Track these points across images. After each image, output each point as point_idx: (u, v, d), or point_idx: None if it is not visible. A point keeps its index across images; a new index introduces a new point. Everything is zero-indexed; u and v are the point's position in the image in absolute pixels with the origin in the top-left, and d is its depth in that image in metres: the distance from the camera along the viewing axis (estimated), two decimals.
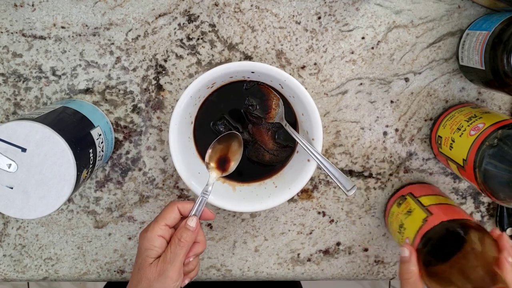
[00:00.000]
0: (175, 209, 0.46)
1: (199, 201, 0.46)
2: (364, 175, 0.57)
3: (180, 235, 0.44)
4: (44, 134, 0.42)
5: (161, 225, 0.45)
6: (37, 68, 0.54)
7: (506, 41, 0.43)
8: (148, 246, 0.44)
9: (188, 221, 0.45)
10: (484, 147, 0.43)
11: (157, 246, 0.44)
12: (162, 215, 0.45)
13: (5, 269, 0.59)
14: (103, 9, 0.53)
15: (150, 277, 0.43)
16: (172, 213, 0.45)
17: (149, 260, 0.44)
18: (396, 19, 0.54)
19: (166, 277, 0.43)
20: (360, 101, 0.55)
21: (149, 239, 0.44)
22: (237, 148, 0.50)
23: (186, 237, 0.44)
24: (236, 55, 0.54)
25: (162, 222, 0.45)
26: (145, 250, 0.44)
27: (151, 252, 0.44)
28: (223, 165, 0.49)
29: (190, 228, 0.45)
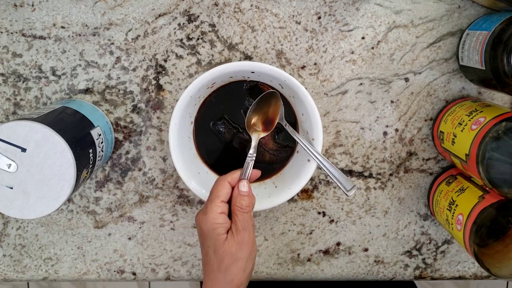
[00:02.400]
0: (226, 184, 0.45)
1: (247, 165, 0.47)
2: (364, 175, 0.57)
3: (240, 204, 0.44)
4: (44, 134, 0.42)
5: (218, 203, 0.44)
6: (37, 68, 0.54)
7: (506, 41, 0.43)
8: (214, 226, 0.43)
9: (240, 187, 0.45)
10: (487, 140, 0.43)
11: (222, 222, 0.43)
12: (215, 193, 0.45)
13: (5, 269, 0.59)
14: (103, 9, 0.53)
15: (232, 251, 0.43)
16: (224, 189, 0.45)
17: (222, 237, 0.43)
18: (396, 19, 0.54)
19: (247, 243, 0.43)
20: (360, 101, 0.55)
21: (212, 219, 0.43)
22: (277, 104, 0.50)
23: (246, 203, 0.44)
24: (236, 55, 0.54)
25: (218, 200, 0.44)
26: (214, 230, 0.43)
27: (220, 229, 0.43)
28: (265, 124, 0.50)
29: (244, 193, 0.45)
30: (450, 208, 0.51)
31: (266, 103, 0.50)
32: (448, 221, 0.51)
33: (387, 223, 0.59)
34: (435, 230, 0.59)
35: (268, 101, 0.50)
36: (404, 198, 0.58)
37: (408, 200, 0.58)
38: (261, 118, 0.50)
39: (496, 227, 0.44)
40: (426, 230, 0.59)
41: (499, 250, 0.43)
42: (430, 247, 0.59)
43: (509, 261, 0.43)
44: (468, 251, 0.48)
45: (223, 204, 0.45)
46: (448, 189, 0.53)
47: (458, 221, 0.49)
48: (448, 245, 0.59)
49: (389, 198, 0.58)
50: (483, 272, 0.60)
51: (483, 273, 0.60)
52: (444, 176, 0.55)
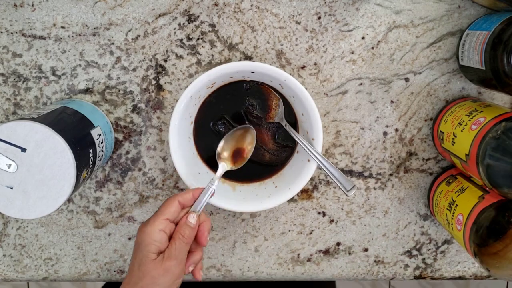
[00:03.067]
0: (176, 203, 0.45)
1: (204, 195, 0.46)
2: (364, 175, 0.57)
3: (183, 232, 0.43)
4: (44, 134, 0.42)
5: (162, 219, 0.43)
6: (37, 68, 0.54)
7: (506, 41, 0.43)
8: (149, 241, 0.42)
9: (189, 218, 0.44)
10: (487, 140, 0.43)
11: (158, 240, 0.43)
12: (162, 210, 0.44)
13: (5, 269, 0.59)
14: (103, 9, 0.53)
15: (154, 274, 0.42)
16: (172, 207, 0.44)
17: (151, 256, 0.42)
18: (396, 19, 0.54)
19: (173, 274, 0.42)
20: (360, 101, 0.55)
21: (150, 233, 0.43)
22: (250, 141, 0.50)
23: (189, 233, 0.44)
24: (236, 55, 0.54)
25: (163, 217, 0.44)
26: (146, 245, 0.42)
27: (153, 247, 0.42)
28: (235, 157, 0.50)
29: (190, 225, 0.44)
30: (450, 208, 0.51)
31: (241, 137, 0.50)
32: (448, 221, 0.51)
33: (387, 223, 0.59)
34: (435, 230, 0.59)
35: (243, 135, 0.50)
36: (404, 198, 0.58)
37: (408, 200, 0.58)
38: (231, 149, 0.50)
39: (496, 227, 0.44)
40: (426, 230, 0.59)
41: (499, 250, 0.43)
42: (430, 247, 0.59)
43: (509, 261, 0.43)
44: (468, 251, 0.48)
45: (166, 223, 0.44)
46: (448, 189, 0.53)
47: (458, 221, 0.49)
48: (448, 245, 0.59)
49: (389, 198, 0.58)
50: (483, 272, 0.60)
51: (483, 273, 0.60)
52: (444, 176, 0.55)
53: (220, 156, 0.49)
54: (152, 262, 0.42)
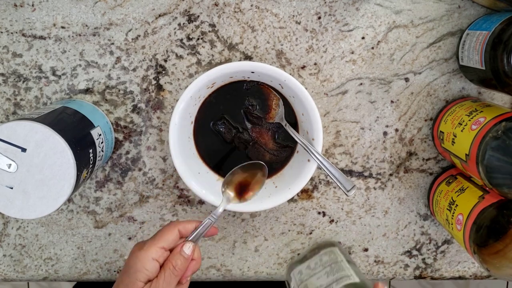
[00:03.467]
0: (175, 232, 0.43)
1: (204, 224, 0.44)
2: (364, 175, 0.57)
3: (175, 263, 0.42)
4: (44, 134, 0.42)
5: (158, 247, 0.42)
6: (37, 68, 0.54)
7: (506, 41, 0.43)
8: (139, 268, 0.41)
9: (184, 248, 0.43)
10: (487, 140, 0.43)
11: (149, 269, 0.41)
12: (161, 237, 0.43)
13: (5, 269, 0.59)
14: (103, 9, 0.53)
15: None
16: (171, 236, 0.43)
17: (139, 284, 0.41)
18: (396, 19, 0.54)
19: None
20: (360, 101, 0.55)
21: (142, 260, 0.41)
22: (260, 179, 0.48)
23: (181, 264, 0.42)
24: (236, 55, 0.54)
25: (159, 244, 0.42)
26: (136, 272, 0.41)
27: (142, 275, 0.41)
28: (240, 192, 0.48)
29: (184, 255, 0.42)
30: (450, 208, 0.51)
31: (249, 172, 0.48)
32: (448, 221, 0.51)
33: (387, 223, 0.59)
34: (435, 230, 0.59)
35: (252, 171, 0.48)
36: (404, 198, 0.58)
37: (408, 200, 0.58)
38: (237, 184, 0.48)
39: (496, 227, 0.44)
40: (426, 230, 0.59)
41: (499, 250, 0.43)
42: (430, 247, 0.59)
43: (509, 261, 0.43)
44: (468, 251, 0.48)
45: (162, 251, 0.42)
46: (448, 189, 0.53)
47: (458, 221, 0.49)
48: (448, 245, 0.59)
49: (389, 198, 0.58)
50: (483, 272, 0.60)
51: (483, 273, 0.60)
52: (444, 176, 0.55)
53: (225, 190, 0.47)
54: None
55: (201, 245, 0.59)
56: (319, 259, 0.52)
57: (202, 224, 0.44)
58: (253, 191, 0.48)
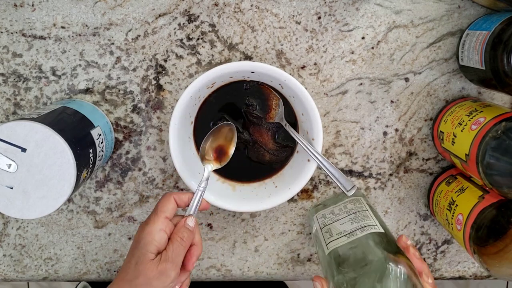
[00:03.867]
0: (172, 200, 0.45)
1: (196, 195, 0.46)
2: (364, 175, 0.57)
3: (182, 234, 0.43)
4: (44, 134, 0.42)
5: (162, 217, 0.44)
6: (37, 68, 0.54)
7: (506, 41, 0.43)
8: (149, 240, 0.42)
9: (188, 221, 0.45)
10: (487, 140, 0.43)
11: (157, 240, 0.42)
12: (161, 207, 0.44)
13: (5, 269, 0.59)
14: (103, 9, 0.53)
15: (149, 275, 0.41)
16: (169, 204, 0.45)
17: (150, 255, 0.42)
18: (396, 19, 0.54)
19: (167, 277, 0.41)
20: (360, 101, 0.55)
21: (150, 232, 0.43)
22: (231, 137, 0.50)
23: (187, 236, 0.44)
24: (236, 55, 0.54)
25: (162, 215, 0.44)
26: (146, 244, 0.42)
27: (151, 247, 0.42)
28: (218, 155, 0.49)
29: (189, 227, 0.44)
30: (450, 208, 0.51)
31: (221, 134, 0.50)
32: (448, 221, 0.51)
33: (387, 223, 0.59)
34: (435, 230, 0.59)
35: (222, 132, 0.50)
36: (404, 198, 0.58)
37: (408, 200, 0.58)
38: (213, 147, 0.49)
39: (496, 227, 0.44)
40: (426, 230, 0.59)
41: (499, 250, 0.43)
42: (430, 247, 0.59)
43: (509, 261, 0.43)
44: (468, 251, 0.48)
45: (166, 222, 0.44)
46: (448, 189, 0.53)
47: (458, 221, 0.49)
48: (448, 245, 0.59)
49: (389, 198, 0.58)
50: (483, 272, 0.60)
51: (483, 273, 0.60)
52: (444, 176, 0.55)
53: (204, 158, 0.49)
54: (149, 262, 0.42)
55: None
56: (343, 206, 0.52)
57: (195, 196, 0.46)
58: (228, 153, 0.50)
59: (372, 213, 0.49)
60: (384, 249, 0.43)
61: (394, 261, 0.41)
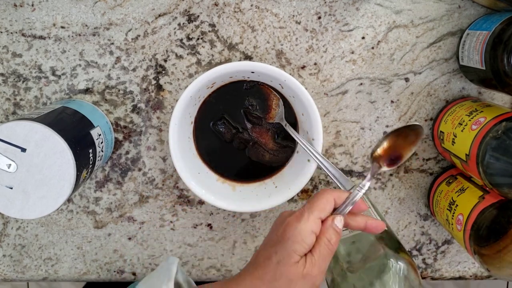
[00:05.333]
0: (331, 200, 0.40)
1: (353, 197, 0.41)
2: (364, 175, 0.57)
3: (330, 237, 0.39)
4: (44, 134, 0.42)
5: (316, 217, 0.39)
6: (36, 68, 0.54)
7: (507, 41, 0.43)
8: (298, 240, 0.37)
9: (336, 222, 0.39)
10: (487, 140, 0.43)
11: (307, 243, 0.38)
12: (319, 206, 0.39)
13: (4, 269, 0.59)
14: (103, 9, 0.53)
15: (292, 277, 0.37)
16: (327, 205, 0.40)
17: (296, 257, 0.37)
18: (396, 19, 0.53)
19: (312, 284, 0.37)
20: (360, 101, 0.55)
21: (301, 232, 0.38)
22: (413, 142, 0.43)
23: (335, 239, 0.39)
24: (236, 55, 0.54)
25: (318, 215, 0.39)
26: (294, 244, 0.37)
27: (300, 248, 0.38)
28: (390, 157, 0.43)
29: (337, 229, 0.39)
30: (450, 208, 0.51)
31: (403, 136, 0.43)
32: (448, 221, 0.51)
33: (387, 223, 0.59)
34: (435, 230, 0.59)
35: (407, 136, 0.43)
36: (404, 198, 0.58)
37: (408, 200, 0.58)
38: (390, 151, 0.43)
39: (496, 227, 0.44)
40: (426, 230, 0.59)
41: (499, 250, 0.43)
42: (430, 247, 0.59)
43: (509, 261, 0.43)
44: (468, 251, 0.48)
45: (319, 222, 0.39)
46: (448, 189, 0.53)
47: (458, 221, 0.49)
48: (448, 245, 0.59)
49: (389, 198, 0.58)
50: (483, 272, 0.60)
51: (483, 273, 0.60)
52: (444, 176, 0.55)
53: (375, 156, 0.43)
54: (294, 264, 0.37)
55: (201, 246, 0.59)
56: None
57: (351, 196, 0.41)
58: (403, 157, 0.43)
59: (374, 210, 0.50)
60: (386, 245, 0.43)
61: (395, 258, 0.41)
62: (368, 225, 0.41)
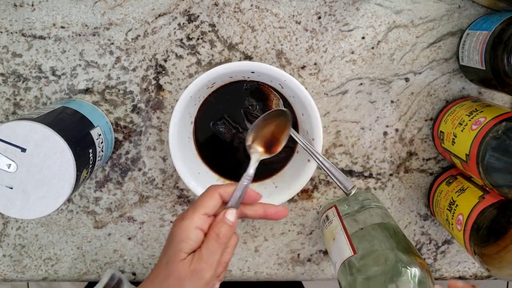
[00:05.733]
0: (216, 196, 0.40)
1: (240, 187, 0.41)
2: (364, 175, 0.57)
3: (218, 230, 0.39)
4: (44, 134, 0.42)
5: (200, 213, 0.39)
6: (36, 68, 0.54)
7: (507, 41, 0.43)
8: (182, 238, 0.38)
9: (227, 215, 0.40)
10: (487, 140, 0.43)
11: (192, 239, 0.38)
12: (201, 203, 0.40)
13: (4, 269, 0.59)
14: (103, 9, 0.53)
15: (181, 275, 0.38)
16: (212, 200, 0.40)
17: (182, 255, 0.38)
18: (396, 19, 0.53)
19: (201, 278, 0.38)
20: (360, 101, 0.55)
21: (185, 229, 0.38)
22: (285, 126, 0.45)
23: (225, 232, 0.39)
24: (236, 55, 0.54)
25: (201, 211, 0.39)
26: (179, 242, 0.38)
27: (186, 245, 0.38)
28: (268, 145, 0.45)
29: (228, 222, 0.39)
30: (450, 208, 0.51)
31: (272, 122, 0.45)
32: (448, 221, 0.51)
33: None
34: (435, 230, 0.59)
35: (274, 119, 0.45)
36: (404, 198, 0.58)
37: (408, 200, 0.58)
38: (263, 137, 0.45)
39: (496, 227, 0.44)
40: (426, 230, 0.59)
41: (499, 250, 0.43)
42: (430, 247, 0.59)
43: (509, 261, 0.43)
44: (468, 251, 0.48)
45: (205, 218, 0.39)
46: (448, 189, 0.53)
47: (458, 221, 0.49)
48: (448, 245, 0.59)
49: (389, 198, 0.58)
50: (483, 272, 0.60)
51: (483, 273, 0.60)
52: (444, 176, 0.55)
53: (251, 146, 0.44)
54: (181, 261, 0.38)
55: None
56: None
57: (238, 187, 0.41)
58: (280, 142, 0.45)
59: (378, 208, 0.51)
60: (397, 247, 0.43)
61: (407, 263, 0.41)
62: (267, 213, 0.42)
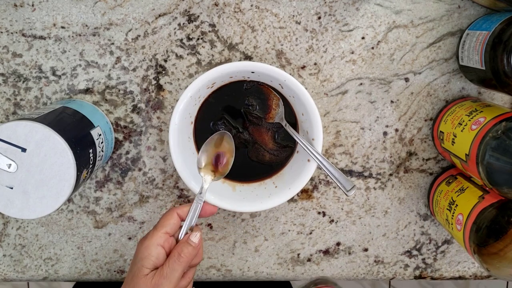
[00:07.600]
0: (175, 215, 0.44)
1: (193, 208, 0.45)
2: (364, 175, 0.57)
3: (180, 250, 0.43)
4: (44, 134, 0.42)
5: (161, 232, 0.43)
6: (37, 68, 0.54)
7: (506, 41, 0.43)
8: (145, 255, 0.42)
9: (191, 237, 0.44)
10: (487, 140, 0.43)
11: (154, 256, 0.42)
12: (161, 222, 0.44)
13: (5, 269, 0.59)
14: (103, 9, 0.53)
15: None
16: (171, 220, 0.44)
17: (144, 270, 0.42)
18: (396, 19, 0.54)
19: None
20: (360, 101, 0.55)
21: (147, 247, 0.42)
22: (229, 148, 0.48)
23: (187, 252, 0.43)
24: (236, 55, 0.54)
25: (162, 230, 0.43)
26: (141, 259, 0.42)
27: (147, 261, 0.42)
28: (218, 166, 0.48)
29: (192, 243, 0.43)
30: (450, 208, 0.51)
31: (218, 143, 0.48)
32: (448, 221, 0.51)
33: (387, 223, 0.59)
34: (435, 230, 0.59)
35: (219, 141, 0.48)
36: (404, 198, 0.58)
37: (408, 200, 0.58)
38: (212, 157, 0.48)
39: (496, 227, 0.44)
40: (426, 230, 0.59)
41: (499, 250, 0.43)
42: (430, 247, 0.59)
43: (509, 261, 0.43)
44: (468, 251, 0.48)
45: (165, 237, 0.43)
46: (448, 189, 0.53)
47: (458, 221, 0.49)
48: (448, 245, 0.59)
49: (389, 198, 0.58)
50: (483, 272, 0.60)
51: (483, 273, 0.60)
52: (444, 176, 0.55)
53: (202, 169, 0.48)
54: (143, 277, 0.41)
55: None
56: None
57: (191, 210, 0.45)
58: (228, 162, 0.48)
59: None
60: None
61: None
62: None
